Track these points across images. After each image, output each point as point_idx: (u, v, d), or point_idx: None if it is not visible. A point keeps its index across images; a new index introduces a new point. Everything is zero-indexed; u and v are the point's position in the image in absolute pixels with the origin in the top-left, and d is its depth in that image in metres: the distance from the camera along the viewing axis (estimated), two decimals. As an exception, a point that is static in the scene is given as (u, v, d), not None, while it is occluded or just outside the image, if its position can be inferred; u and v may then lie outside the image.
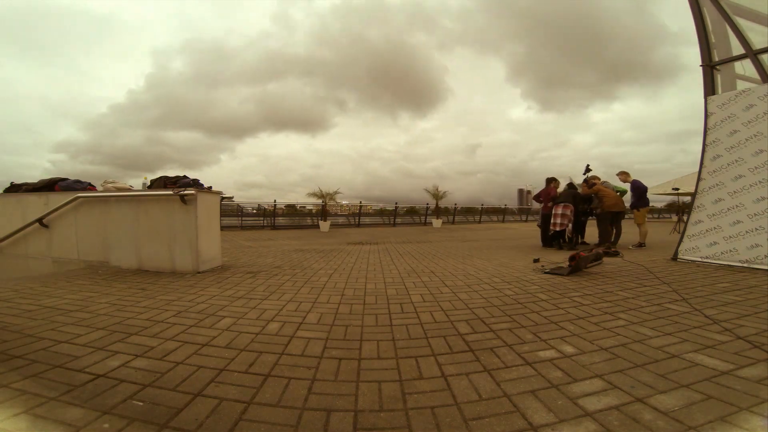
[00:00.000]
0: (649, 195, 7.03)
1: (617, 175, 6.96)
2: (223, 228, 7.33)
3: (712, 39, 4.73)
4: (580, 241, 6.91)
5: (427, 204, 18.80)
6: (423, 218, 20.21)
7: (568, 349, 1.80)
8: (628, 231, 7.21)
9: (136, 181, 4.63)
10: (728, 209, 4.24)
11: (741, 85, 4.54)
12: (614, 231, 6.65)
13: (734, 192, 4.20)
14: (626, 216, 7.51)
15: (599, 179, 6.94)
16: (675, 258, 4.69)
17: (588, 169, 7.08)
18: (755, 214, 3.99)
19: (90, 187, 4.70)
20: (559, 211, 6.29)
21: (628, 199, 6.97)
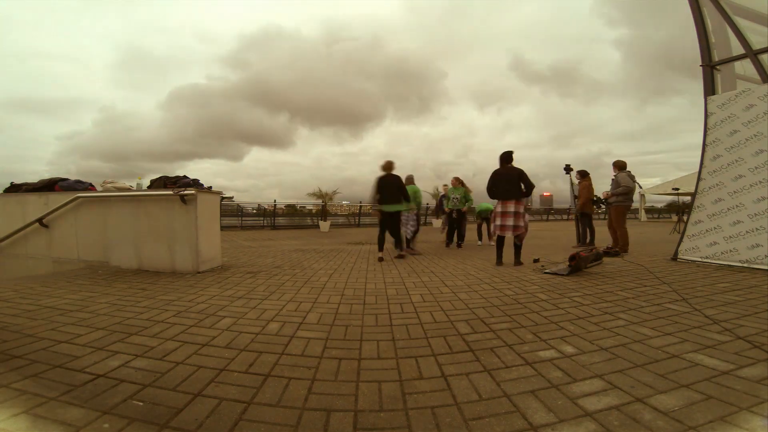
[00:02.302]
0: (648, 195, 7.09)
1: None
2: (223, 228, 7.32)
3: (712, 39, 4.73)
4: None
5: (427, 204, 18.80)
6: (423, 218, 20.23)
7: (568, 349, 1.80)
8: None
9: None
10: (728, 209, 4.23)
11: (741, 85, 4.54)
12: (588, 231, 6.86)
13: (734, 192, 4.20)
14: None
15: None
16: (675, 258, 4.68)
17: (568, 169, 7.12)
18: (755, 214, 3.98)
19: (90, 187, 4.70)
20: (511, 209, 4.39)
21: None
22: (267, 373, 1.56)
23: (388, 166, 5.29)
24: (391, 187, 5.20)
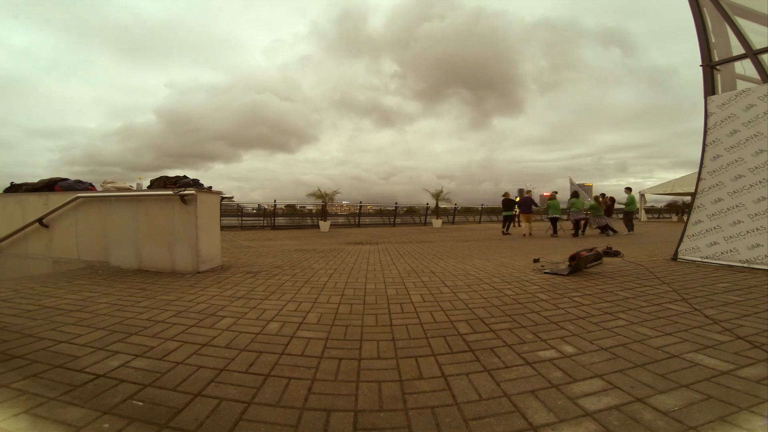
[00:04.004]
0: (648, 195, 7.22)
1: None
2: (223, 228, 7.33)
3: (712, 39, 4.73)
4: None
5: (427, 204, 18.80)
6: (423, 218, 20.21)
7: (568, 349, 1.80)
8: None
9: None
10: (728, 209, 4.24)
11: (741, 85, 4.54)
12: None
13: (734, 192, 4.20)
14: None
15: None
16: (675, 258, 4.69)
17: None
18: (755, 214, 3.98)
19: (90, 187, 4.69)
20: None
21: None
22: (267, 373, 1.56)
23: None
24: None
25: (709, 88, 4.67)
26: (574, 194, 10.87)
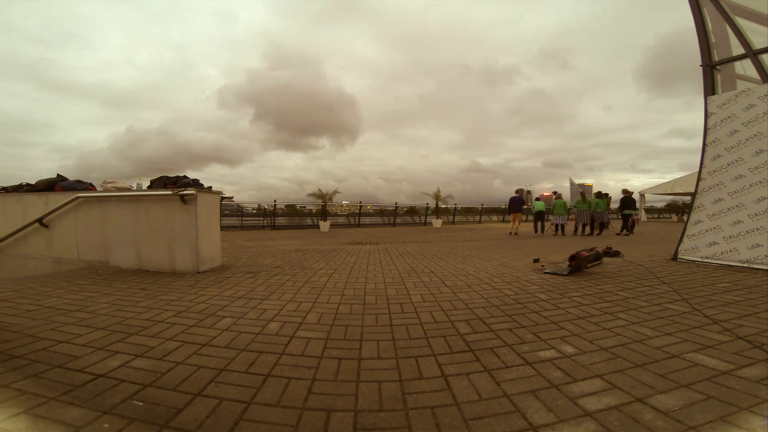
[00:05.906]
0: (648, 195, 7.22)
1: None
2: (223, 228, 7.34)
3: (712, 39, 4.73)
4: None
5: (427, 204, 18.80)
6: (423, 218, 20.21)
7: (568, 349, 1.80)
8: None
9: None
10: (728, 209, 4.24)
11: (741, 85, 4.54)
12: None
13: (734, 192, 4.21)
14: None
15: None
16: (675, 258, 4.69)
17: None
18: (755, 214, 3.99)
19: (90, 187, 4.69)
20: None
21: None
22: (267, 373, 1.56)
23: None
24: None
25: (709, 88, 4.68)
26: (582, 195, 11.19)
